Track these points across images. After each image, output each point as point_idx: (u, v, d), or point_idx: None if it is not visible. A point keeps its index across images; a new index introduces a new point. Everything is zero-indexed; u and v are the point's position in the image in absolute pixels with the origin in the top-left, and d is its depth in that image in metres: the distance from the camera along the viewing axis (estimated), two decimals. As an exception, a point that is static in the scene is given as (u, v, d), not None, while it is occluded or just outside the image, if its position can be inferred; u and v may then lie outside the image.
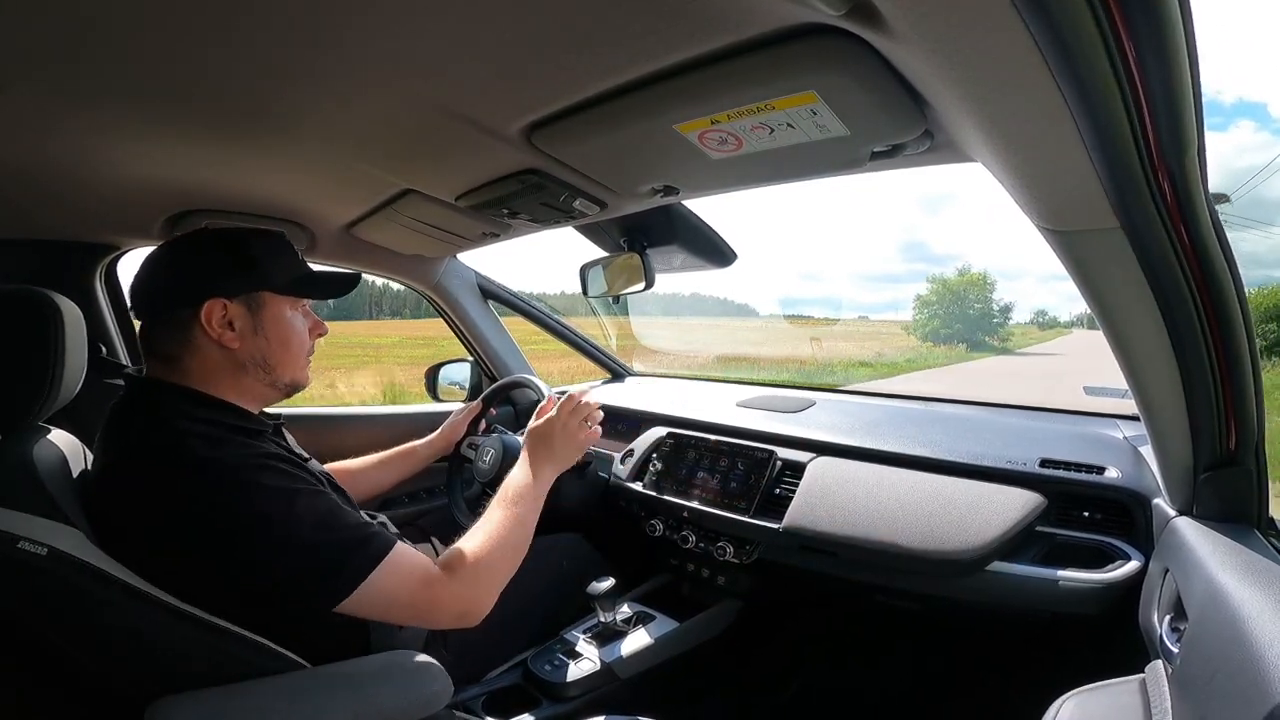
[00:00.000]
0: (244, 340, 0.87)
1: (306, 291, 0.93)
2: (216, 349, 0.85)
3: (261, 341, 0.88)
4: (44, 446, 0.80)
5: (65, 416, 0.89)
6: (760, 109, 0.69)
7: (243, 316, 0.86)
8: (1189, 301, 0.64)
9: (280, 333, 0.90)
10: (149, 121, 0.83)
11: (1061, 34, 0.42)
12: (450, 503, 1.44)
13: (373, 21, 0.60)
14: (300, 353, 0.94)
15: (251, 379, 0.89)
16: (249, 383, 0.89)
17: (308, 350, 0.96)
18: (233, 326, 0.86)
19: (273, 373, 0.90)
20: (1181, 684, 0.65)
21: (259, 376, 0.89)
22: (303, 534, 0.76)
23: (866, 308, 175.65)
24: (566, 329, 2.11)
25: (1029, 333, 61.25)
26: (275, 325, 0.90)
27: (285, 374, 0.92)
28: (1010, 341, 44.98)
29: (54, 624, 0.70)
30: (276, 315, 0.90)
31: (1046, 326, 76.04)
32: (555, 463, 1.07)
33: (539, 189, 1.01)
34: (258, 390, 0.90)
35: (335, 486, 0.99)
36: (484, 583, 0.88)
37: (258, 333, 0.88)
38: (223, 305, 0.85)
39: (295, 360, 0.93)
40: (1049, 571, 1.03)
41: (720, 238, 1.42)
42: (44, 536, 0.68)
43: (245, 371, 0.88)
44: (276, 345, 0.90)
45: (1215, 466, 0.79)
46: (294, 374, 0.93)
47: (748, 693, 1.54)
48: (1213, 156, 0.54)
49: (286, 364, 0.91)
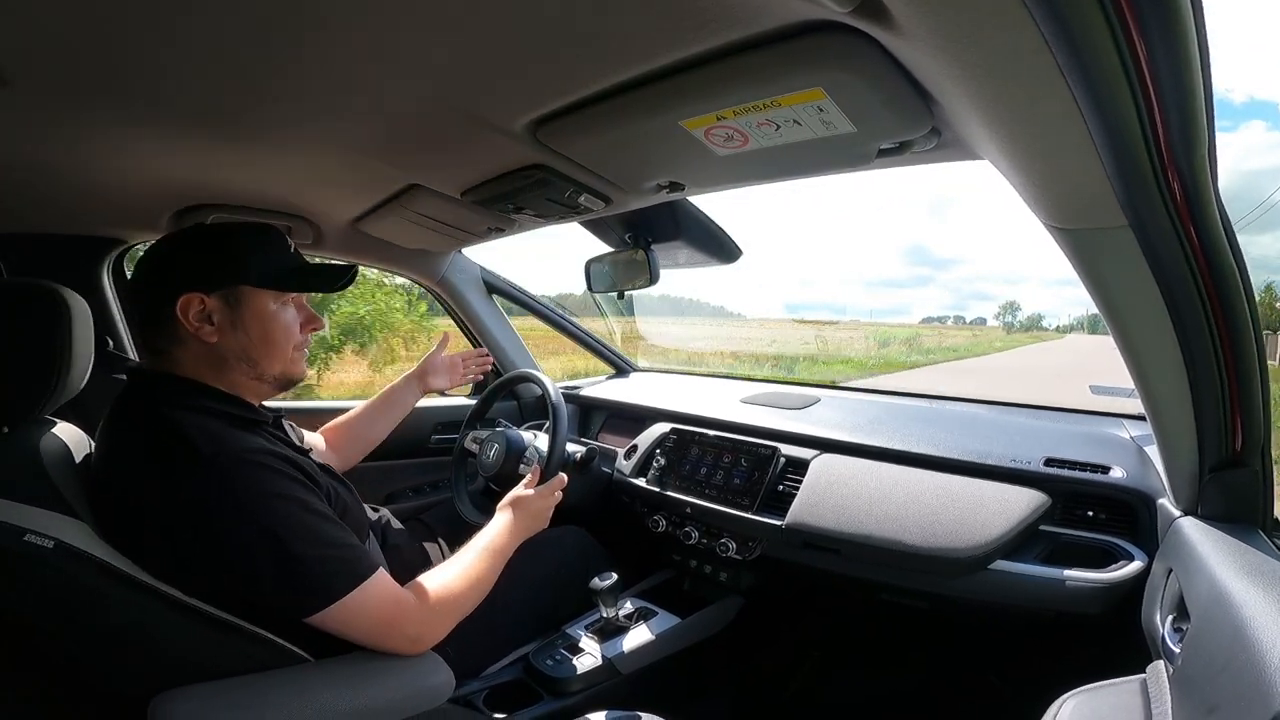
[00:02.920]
0: (223, 334, 0.86)
1: (288, 285, 0.92)
2: (197, 342, 0.86)
3: (241, 335, 0.88)
4: (51, 440, 0.81)
5: (72, 410, 0.90)
6: (767, 106, 0.69)
7: (221, 310, 0.86)
8: (1197, 301, 0.64)
9: (261, 327, 0.89)
10: (156, 117, 0.83)
11: (1071, 31, 0.42)
12: (455, 498, 1.45)
13: (379, 17, 0.60)
14: (285, 346, 0.92)
15: (237, 373, 0.89)
16: (236, 376, 0.89)
17: (296, 344, 0.94)
18: (211, 320, 0.85)
19: (257, 366, 0.90)
20: (1182, 685, 0.65)
21: (243, 370, 0.89)
22: (289, 544, 0.76)
23: (867, 312, 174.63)
24: (571, 324, 2.11)
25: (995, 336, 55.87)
26: (256, 319, 0.89)
27: (271, 367, 0.91)
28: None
29: (60, 616, 0.70)
30: (258, 309, 0.89)
31: (1021, 329, 67.52)
32: (528, 532, 1.13)
33: (544, 184, 1.01)
34: (247, 384, 0.90)
35: (338, 479, 1.00)
36: (446, 623, 0.90)
37: (237, 327, 0.87)
38: (200, 299, 0.84)
39: (280, 354, 0.92)
40: (1052, 570, 1.03)
41: (725, 233, 1.41)
42: (51, 529, 0.69)
43: (228, 365, 0.88)
44: (258, 339, 0.89)
45: (1221, 467, 0.79)
46: (282, 367, 0.92)
47: (749, 689, 1.54)
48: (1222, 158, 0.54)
49: (271, 358, 0.91)
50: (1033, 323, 71.55)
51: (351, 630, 0.81)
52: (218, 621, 0.75)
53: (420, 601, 0.87)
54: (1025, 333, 64.13)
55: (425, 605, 0.87)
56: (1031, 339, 54.59)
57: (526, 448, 1.42)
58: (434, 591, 0.89)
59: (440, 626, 0.89)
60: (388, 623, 0.83)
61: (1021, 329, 67.35)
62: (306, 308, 0.97)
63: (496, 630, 1.20)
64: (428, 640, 0.87)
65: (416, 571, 0.93)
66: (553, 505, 1.18)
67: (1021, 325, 69.14)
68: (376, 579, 0.82)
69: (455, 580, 0.93)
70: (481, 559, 1.00)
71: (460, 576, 0.94)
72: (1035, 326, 69.97)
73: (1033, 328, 69.11)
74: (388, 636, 0.84)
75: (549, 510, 1.17)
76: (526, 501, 1.13)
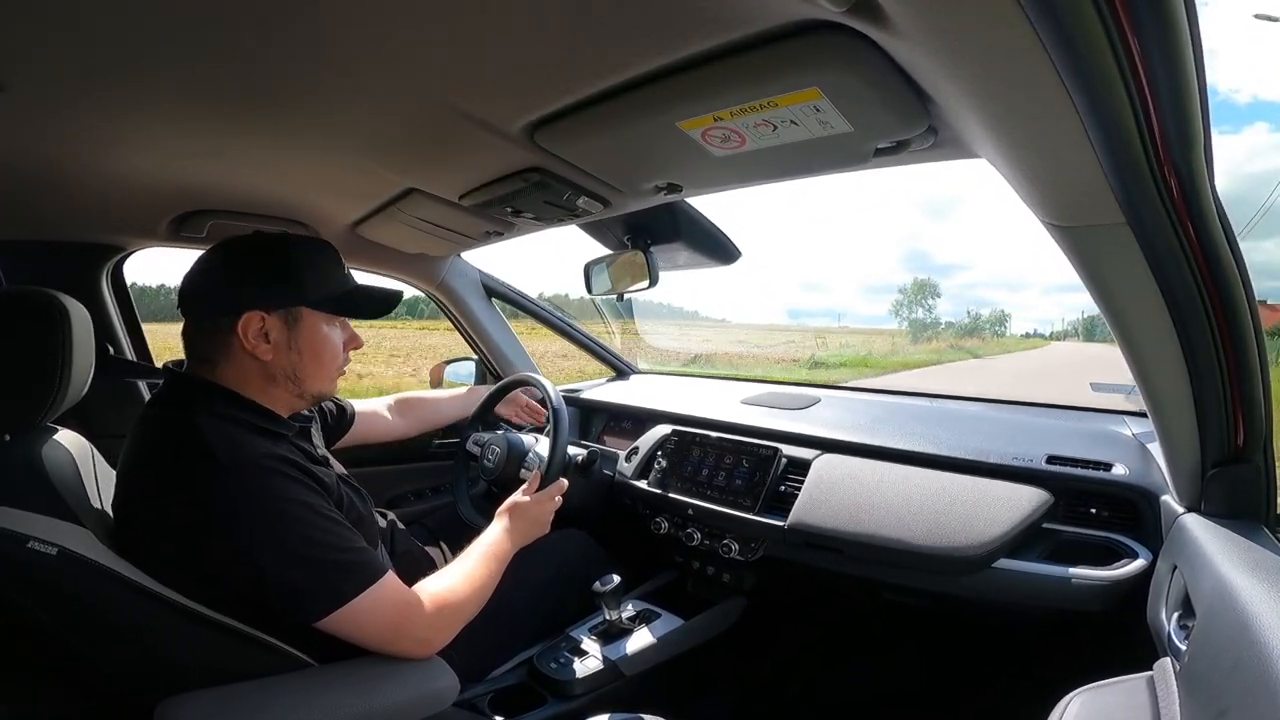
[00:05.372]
0: (278, 353, 0.87)
1: (346, 311, 0.94)
2: (250, 358, 0.86)
3: (295, 355, 0.89)
4: (53, 447, 0.81)
5: (73, 416, 0.90)
6: (764, 106, 0.69)
7: (279, 329, 0.87)
8: (1196, 297, 0.64)
9: (314, 348, 0.91)
10: (154, 123, 0.83)
11: (1065, 29, 0.42)
12: (457, 502, 1.45)
13: (376, 21, 0.60)
14: (332, 367, 0.95)
15: (280, 389, 0.90)
16: (277, 391, 0.90)
17: (340, 364, 0.96)
18: (268, 339, 0.86)
19: (301, 385, 0.91)
20: (1189, 681, 0.64)
21: (287, 387, 0.90)
22: (298, 547, 0.77)
23: (866, 319, 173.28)
24: (571, 327, 2.11)
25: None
26: (310, 340, 0.90)
27: (313, 386, 0.93)
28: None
29: (64, 623, 0.70)
30: (313, 331, 0.90)
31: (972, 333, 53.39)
32: (527, 538, 1.13)
33: (542, 187, 1.01)
34: (285, 399, 0.91)
35: (352, 487, 1.00)
36: (452, 627, 0.90)
37: (292, 347, 0.89)
38: (260, 318, 0.85)
39: (326, 374, 0.94)
40: (1056, 569, 1.03)
41: (724, 234, 1.41)
42: (54, 536, 0.69)
43: (275, 382, 0.89)
44: (309, 359, 0.90)
45: (1223, 463, 0.79)
46: (321, 386, 0.94)
47: (753, 690, 1.54)
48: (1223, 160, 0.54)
49: (317, 378, 0.92)
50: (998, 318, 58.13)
51: (360, 634, 0.81)
52: (222, 627, 0.75)
53: (426, 605, 0.87)
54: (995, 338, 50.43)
55: (432, 609, 0.87)
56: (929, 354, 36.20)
57: (528, 451, 1.42)
58: (439, 595, 0.89)
59: (447, 630, 0.89)
60: (396, 626, 0.83)
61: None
62: (349, 327, 0.98)
63: (500, 634, 1.20)
64: (435, 644, 0.87)
65: (421, 576, 0.93)
66: (552, 510, 1.18)
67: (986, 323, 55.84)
68: (386, 582, 0.83)
69: (459, 584, 0.94)
70: (481, 564, 1.00)
71: (463, 580, 0.95)
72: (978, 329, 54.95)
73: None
74: (396, 640, 0.84)
75: (548, 516, 1.17)
76: (524, 508, 1.14)
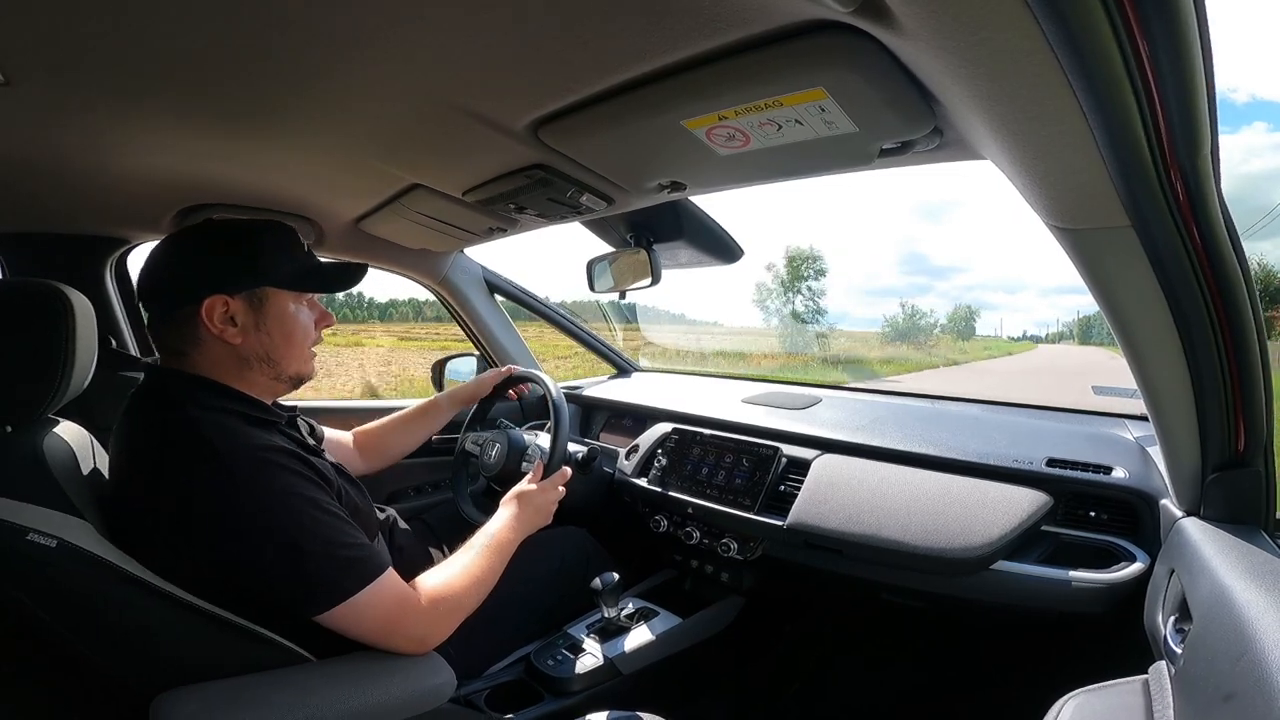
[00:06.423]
0: (247, 336, 0.87)
1: (311, 286, 0.93)
2: (219, 344, 0.86)
3: (264, 337, 0.88)
4: (54, 439, 0.81)
5: (75, 409, 0.90)
6: (769, 105, 0.69)
7: (245, 312, 0.87)
8: (1200, 301, 0.64)
9: (284, 328, 0.90)
10: (159, 116, 0.83)
11: (1073, 31, 0.42)
12: (456, 498, 1.45)
13: (381, 18, 0.60)
14: (304, 346, 0.94)
15: (256, 373, 0.89)
16: (254, 376, 0.89)
17: (312, 342, 0.96)
18: (235, 322, 0.86)
19: (276, 366, 0.91)
20: (1184, 685, 0.64)
21: (263, 370, 0.90)
22: (300, 541, 0.77)
23: (860, 321, 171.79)
24: (573, 324, 2.11)
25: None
26: (278, 320, 0.90)
27: (289, 367, 0.92)
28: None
29: (62, 615, 0.70)
30: (280, 310, 0.90)
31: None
32: (532, 527, 1.12)
33: (546, 184, 1.01)
34: (264, 383, 0.91)
35: (349, 479, 1.00)
36: (451, 622, 0.90)
37: (260, 328, 0.88)
38: (224, 302, 0.85)
39: (299, 354, 0.93)
40: (1055, 571, 1.03)
41: (727, 233, 1.42)
42: (54, 528, 0.69)
43: (250, 366, 0.89)
44: (280, 340, 0.90)
45: (1224, 468, 0.79)
46: (298, 367, 0.94)
47: (750, 689, 1.54)
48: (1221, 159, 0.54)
49: (290, 358, 0.92)
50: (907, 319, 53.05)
51: (358, 629, 0.81)
52: (221, 621, 0.75)
53: (425, 601, 0.87)
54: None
55: (430, 604, 0.87)
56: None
57: (528, 447, 1.42)
58: (438, 590, 0.89)
59: (445, 625, 0.89)
60: (394, 621, 0.83)
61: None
62: (319, 305, 0.98)
63: (498, 630, 1.20)
64: (433, 640, 0.87)
65: (420, 571, 0.93)
66: (556, 499, 1.18)
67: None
68: (385, 578, 0.83)
69: (458, 578, 0.93)
70: (484, 555, 0.99)
71: (463, 574, 0.94)
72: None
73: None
74: (394, 635, 0.84)
75: (553, 504, 1.17)
76: (530, 496, 1.13)
